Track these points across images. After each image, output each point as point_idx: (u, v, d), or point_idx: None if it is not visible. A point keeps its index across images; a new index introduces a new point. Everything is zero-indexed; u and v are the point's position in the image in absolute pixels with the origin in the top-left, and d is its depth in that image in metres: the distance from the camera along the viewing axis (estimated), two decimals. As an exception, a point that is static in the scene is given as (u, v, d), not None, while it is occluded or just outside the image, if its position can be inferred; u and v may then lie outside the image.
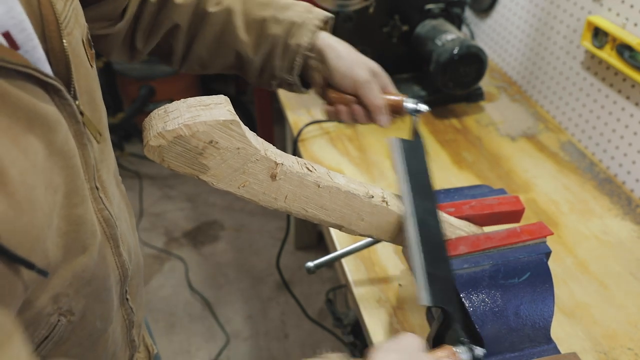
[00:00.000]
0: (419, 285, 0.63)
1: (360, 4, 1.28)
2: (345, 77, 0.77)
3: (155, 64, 2.62)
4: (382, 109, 0.78)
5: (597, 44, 1.18)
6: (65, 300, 0.49)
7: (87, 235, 0.51)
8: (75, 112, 0.48)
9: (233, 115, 0.54)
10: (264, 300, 2.06)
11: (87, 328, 0.54)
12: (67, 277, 0.48)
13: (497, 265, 0.70)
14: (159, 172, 2.65)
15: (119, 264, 0.60)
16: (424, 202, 0.70)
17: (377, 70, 0.80)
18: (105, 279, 0.56)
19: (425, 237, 0.67)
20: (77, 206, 0.49)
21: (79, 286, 0.51)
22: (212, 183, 0.57)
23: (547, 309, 0.69)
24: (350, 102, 0.78)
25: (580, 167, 1.23)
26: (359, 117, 0.79)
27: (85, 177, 0.51)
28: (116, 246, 0.58)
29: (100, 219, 0.55)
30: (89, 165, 0.52)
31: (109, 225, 0.56)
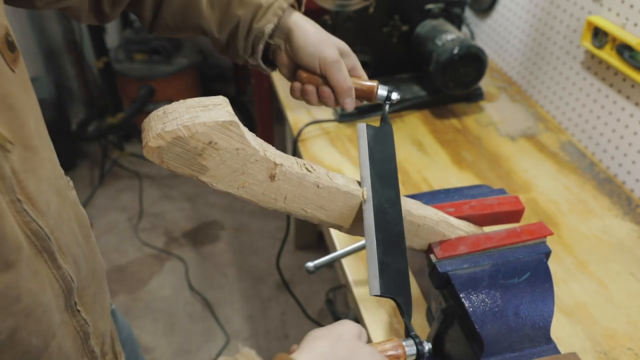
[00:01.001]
0: (370, 275, 0.61)
1: (360, 4, 1.28)
2: (312, 56, 0.74)
3: (155, 64, 2.62)
4: (349, 90, 0.75)
5: (597, 44, 1.18)
6: None
7: (9, 251, 0.47)
8: None
9: (232, 116, 0.54)
10: (264, 300, 2.06)
11: (19, 346, 0.51)
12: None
13: (497, 265, 0.70)
14: (159, 172, 2.65)
15: (59, 276, 0.57)
16: (385, 190, 0.67)
17: (347, 50, 0.78)
18: (39, 294, 0.53)
19: (382, 226, 0.64)
20: None
21: (4, 304, 0.48)
22: (211, 184, 0.57)
23: (547, 309, 0.68)
24: (319, 83, 0.76)
25: (580, 167, 1.23)
26: (327, 99, 0.76)
27: (1, 189, 0.48)
28: (52, 259, 0.55)
29: (28, 232, 0.52)
30: (3, 177, 0.48)
31: (40, 238, 0.53)
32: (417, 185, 1.17)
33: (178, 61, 2.67)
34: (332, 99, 0.77)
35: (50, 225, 0.55)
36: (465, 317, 0.68)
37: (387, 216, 0.65)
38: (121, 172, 2.68)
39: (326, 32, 0.77)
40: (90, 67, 2.75)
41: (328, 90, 0.76)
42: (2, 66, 0.49)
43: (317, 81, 0.76)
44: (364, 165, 0.69)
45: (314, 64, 0.75)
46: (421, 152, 1.27)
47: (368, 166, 0.69)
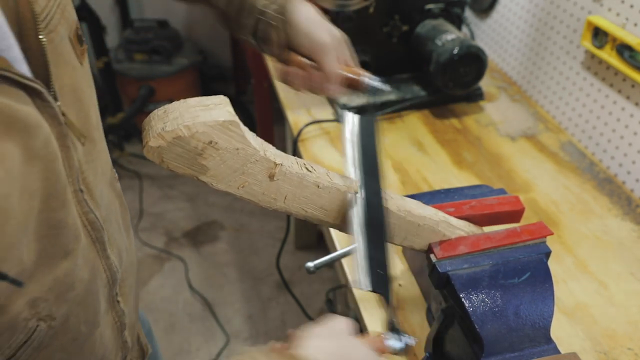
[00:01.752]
0: (360, 270, 0.60)
1: (360, 4, 1.28)
2: (305, 37, 0.73)
3: (155, 64, 2.62)
4: (336, 77, 0.74)
5: (597, 44, 1.18)
6: (44, 305, 0.47)
7: (69, 240, 0.49)
8: (57, 114, 0.46)
9: (232, 115, 0.54)
10: (264, 300, 2.06)
11: (70, 333, 0.52)
12: (45, 282, 0.47)
13: (497, 265, 0.70)
14: (159, 172, 2.66)
15: (106, 267, 0.58)
16: (370, 181, 0.66)
17: (341, 39, 0.77)
18: (91, 283, 0.55)
19: (369, 219, 0.63)
20: (57, 210, 0.47)
21: (61, 291, 0.49)
22: (211, 184, 0.57)
23: (547, 309, 0.68)
24: (306, 66, 0.74)
25: (580, 167, 1.23)
26: (314, 83, 0.75)
27: (68, 180, 0.49)
28: (103, 249, 0.57)
29: (85, 222, 0.53)
30: (73, 167, 0.50)
31: (95, 228, 0.55)
32: (417, 185, 1.17)
33: (178, 61, 2.67)
34: (319, 84, 0.75)
35: (103, 216, 0.57)
36: (465, 317, 0.68)
37: (372, 209, 0.65)
38: (121, 172, 2.68)
39: (323, 17, 0.76)
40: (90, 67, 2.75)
41: (317, 75, 0.75)
42: (73, 59, 0.51)
43: (305, 65, 0.74)
44: (349, 155, 0.68)
45: (306, 46, 0.73)
46: (421, 152, 1.27)
47: (354, 157, 0.68)
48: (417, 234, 0.71)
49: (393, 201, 0.69)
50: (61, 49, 0.49)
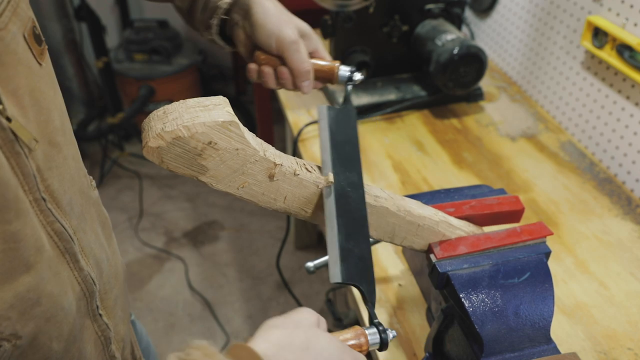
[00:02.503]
0: (331, 261, 0.58)
1: (360, 4, 1.28)
2: (270, 36, 0.71)
3: (155, 64, 2.62)
4: (307, 73, 0.73)
5: (597, 44, 1.18)
6: (6, 324, 0.45)
7: (29, 253, 0.46)
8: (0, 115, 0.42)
9: (232, 116, 0.54)
10: (264, 300, 2.06)
11: (40, 351, 0.49)
12: (6, 298, 0.44)
13: (497, 265, 0.70)
14: (159, 172, 2.66)
15: (80, 279, 0.55)
16: (347, 173, 0.64)
17: (308, 31, 0.75)
18: (60, 297, 0.51)
19: (344, 211, 0.61)
20: (11, 222, 0.43)
21: (25, 308, 0.46)
22: (211, 184, 0.57)
23: (547, 309, 0.68)
24: (277, 64, 0.73)
25: (580, 167, 1.23)
26: (285, 81, 0.74)
27: (23, 188, 0.46)
28: (74, 260, 0.54)
29: (51, 232, 0.50)
30: (27, 175, 0.46)
31: (63, 239, 0.52)
32: (417, 185, 1.17)
33: (178, 61, 2.67)
34: (290, 80, 0.74)
35: (74, 225, 0.54)
36: (465, 317, 0.68)
37: (349, 200, 0.62)
38: (121, 172, 2.68)
39: (288, 12, 0.74)
40: (90, 67, 2.75)
41: (286, 72, 0.73)
42: (29, 59, 0.48)
43: (275, 62, 0.73)
44: (324, 148, 0.66)
45: (271, 44, 0.72)
46: (421, 152, 1.27)
47: (329, 149, 0.66)
48: (417, 234, 0.71)
49: (392, 201, 0.69)
50: (13, 48, 0.45)
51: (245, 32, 0.74)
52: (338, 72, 0.75)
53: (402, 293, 0.93)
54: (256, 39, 0.73)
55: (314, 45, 0.75)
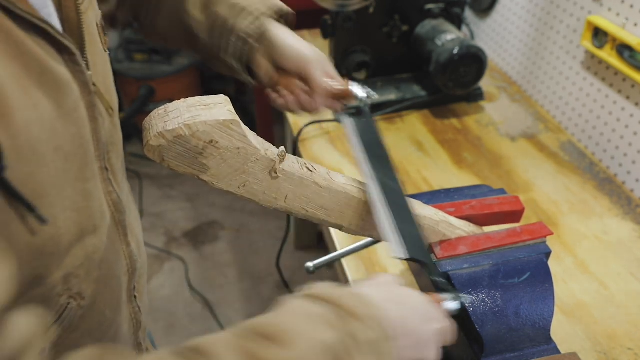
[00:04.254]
0: (392, 241, 0.61)
1: (360, 4, 1.28)
2: (291, 53, 0.75)
3: (155, 64, 2.62)
4: (326, 90, 0.77)
5: (597, 44, 1.18)
6: (75, 281, 0.49)
7: (96, 215, 0.50)
8: (88, 81, 0.48)
9: (233, 115, 0.54)
10: (264, 300, 2.06)
11: (96, 316, 0.53)
12: (79, 256, 0.48)
13: (497, 265, 0.70)
14: (159, 172, 2.65)
15: (127, 254, 0.59)
16: (382, 168, 0.70)
17: (323, 56, 0.79)
18: (114, 265, 0.56)
19: (389, 198, 0.66)
20: (89, 181, 0.48)
21: (90, 268, 0.50)
22: (212, 183, 0.57)
23: (547, 309, 0.68)
24: (297, 87, 0.77)
25: (580, 167, 1.23)
26: (306, 103, 0.78)
27: (95, 153, 0.50)
28: (124, 234, 0.58)
29: (110, 201, 0.54)
30: (100, 142, 0.51)
31: (118, 210, 0.56)
32: (417, 185, 1.17)
33: (178, 61, 2.67)
34: (309, 101, 0.78)
35: (124, 201, 0.58)
36: (465, 317, 0.68)
37: (391, 189, 0.67)
38: (121, 172, 2.68)
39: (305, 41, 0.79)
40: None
41: (303, 95, 0.78)
42: (100, 43, 0.55)
43: (294, 86, 0.77)
44: (358, 148, 0.71)
45: (293, 63, 0.76)
46: (421, 152, 1.27)
47: (363, 149, 0.71)
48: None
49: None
50: (91, 30, 0.52)
51: (264, 55, 0.77)
52: (353, 90, 0.78)
53: (402, 293, 0.93)
54: (278, 59, 0.77)
55: (328, 67, 0.79)
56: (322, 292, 0.48)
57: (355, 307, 0.46)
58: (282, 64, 0.77)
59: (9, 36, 0.39)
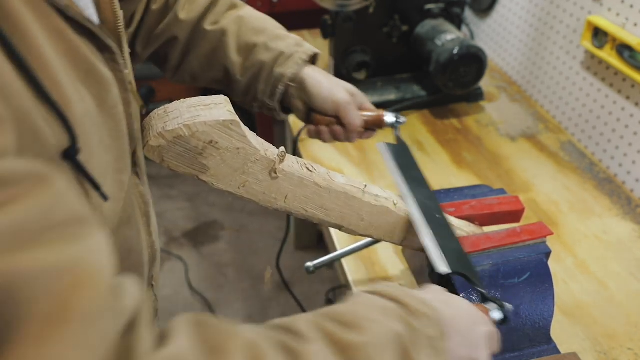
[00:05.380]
0: (436, 258, 0.64)
1: (360, 4, 1.28)
2: (326, 101, 0.81)
3: (155, 64, 2.62)
4: (360, 127, 0.83)
5: (597, 44, 1.18)
6: None
7: (129, 205, 0.53)
8: (125, 80, 0.50)
9: (233, 115, 0.54)
10: (264, 300, 2.06)
11: None
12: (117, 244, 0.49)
13: (497, 265, 0.70)
14: (159, 172, 2.65)
15: (149, 243, 0.61)
16: (420, 188, 0.74)
17: (355, 91, 0.85)
18: (141, 254, 0.58)
19: (428, 217, 0.69)
20: (123, 172, 0.51)
21: (122, 257, 0.52)
22: (212, 183, 0.57)
23: (547, 309, 0.69)
24: (331, 123, 0.83)
25: (580, 167, 1.23)
26: (339, 136, 0.84)
27: (129, 147, 0.52)
28: (148, 224, 0.60)
29: (137, 193, 0.57)
30: (133, 137, 0.53)
31: (145, 201, 0.58)
32: (417, 185, 1.17)
33: (178, 61, 2.67)
34: (343, 135, 0.84)
35: (147, 193, 0.60)
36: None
37: (430, 209, 0.70)
38: (121, 172, 2.68)
39: (336, 78, 0.84)
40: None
41: (340, 129, 0.83)
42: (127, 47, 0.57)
43: (328, 122, 0.83)
44: (396, 172, 0.76)
45: (328, 108, 0.81)
46: (421, 152, 1.27)
47: (401, 173, 0.76)
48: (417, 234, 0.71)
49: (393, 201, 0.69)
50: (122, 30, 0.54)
51: (302, 101, 0.83)
52: (385, 119, 0.84)
53: (402, 293, 0.93)
54: (313, 105, 0.82)
55: (361, 101, 0.85)
56: (387, 290, 0.51)
57: (416, 305, 0.50)
58: (317, 108, 0.82)
59: (63, 36, 0.41)
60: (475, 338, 0.55)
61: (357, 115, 0.82)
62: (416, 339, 0.47)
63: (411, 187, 0.73)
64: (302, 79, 0.81)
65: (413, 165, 0.79)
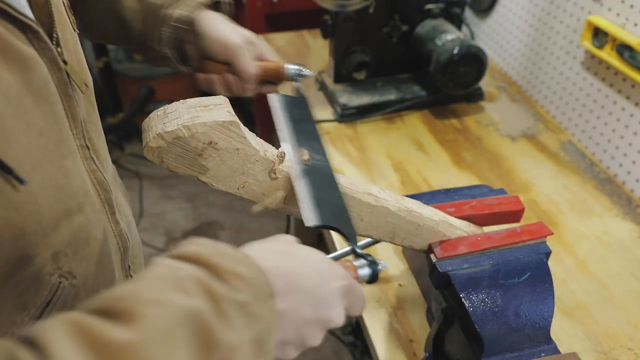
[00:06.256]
0: (304, 209, 0.57)
1: (360, 4, 1.28)
2: (215, 44, 0.76)
3: (155, 64, 2.62)
4: (252, 76, 0.77)
5: (597, 44, 1.18)
6: (65, 260, 0.49)
7: (79, 192, 0.51)
8: (57, 58, 0.48)
9: (232, 116, 0.54)
10: (264, 300, 2.06)
11: (90, 295, 0.53)
12: (65, 234, 0.49)
13: (497, 265, 0.70)
14: (159, 172, 2.65)
15: (117, 232, 0.60)
16: (310, 142, 0.66)
17: (254, 39, 0.79)
18: (104, 243, 0.56)
19: (312, 172, 0.61)
20: (66, 158, 0.49)
21: (78, 246, 0.51)
22: (211, 184, 0.57)
23: (547, 309, 0.69)
24: (223, 71, 0.77)
25: (580, 167, 1.23)
26: (232, 86, 0.78)
27: (73, 130, 0.51)
28: (112, 212, 0.59)
29: (94, 180, 0.55)
30: (77, 119, 0.52)
31: (103, 188, 0.57)
32: (417, 185, 1.17)
33: (178, 61, 2.67)
34: (236, 85, 0.78)
35: (109, 179, 0.58)
36: (465, 317, 0.68)
37: (315, 162, 0.63)
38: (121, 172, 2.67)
39: (239, 26, 0.79)
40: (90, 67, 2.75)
41: (233, 79, 0.77)
42: (68, 22, 0.55)
43: (221, 69, 0.77)
44: (283, 124, 0.67)
45: (218, 51, 0.77)
46: (421, 152, 1.27)
47: (290, 124, 0.67)
48: (417, 234, 0.71)
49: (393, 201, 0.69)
50: (59, 8, 0.53)
51: (194, 44, 0.78)
52: (286, 68, 0.78)
53: (402, 293, 0.93)
54: (204, 48, 0.77)
55: (260, 50, 0.79)
56: (192, 251, 0.42)
57: (227, 265, 0.41)
58: (208, 53, 0.78)
59: None
60: (324, 295, 0.48)
61: (251, 62, 0.76)
62: (221, 309, 0.38)
63: (298, 140, 0.64)
64: (194, 21, 0.76)
65: (308, 119, 0.70)
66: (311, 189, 0.59)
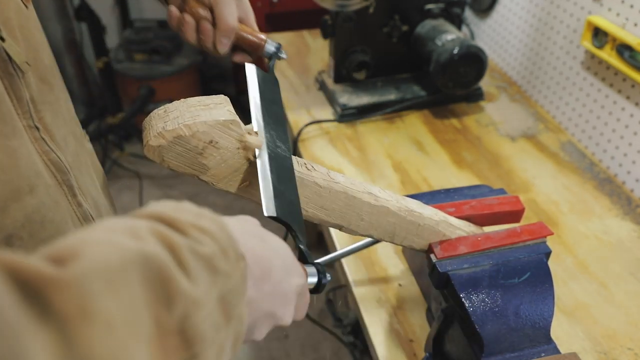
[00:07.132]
0: (265, 197, 0.54)
1: (360, 4, 1.28)
2: None
3: (155, 64, 2.62)
4: (230, 30, 0.71)
5: (597, 44, 1.18)
6: (19, 243, 0.48)
7: (29, 174, 0.50)
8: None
9: (233, 115, 0.54)
10: (264, 300, 2.06)
11: None
12: (18, 217, 0.48)
13: (497, 265, 0.70)
14: (159, 172, 2.65)
15: (79, 214, 0.58)
16: (275, 126, 0.63)
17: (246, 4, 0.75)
18: (62, 225, 0.54)
19: (274, 157, 0.59)
20: (9, 138, 0.48)
21: (32, 230, 0.50)
22: (212, 183, 0.57)
23: (547, 309, 0.69)
24: (201, 17, 0.71)
25: (580, 167, 1.23)
26: (205, 34, 0.72)
27: (18, 110, 0.50)
28: (72, 194, 0.57)
29: (47, 161, 0.54)
30: (22, 99, 0.51)
31: (59, 169, 0.55)
32: (417, 185, 1.17)
33: (178, 61, 2.67)
34: (210, 38, 0.72)
35: (69, 161, 0.57)
36: (465, 317, 0.68)
37: (278, 150, 0.61)
38: (121, 172, 2.68)
39: None
40: (90, 67, 2.75)
41: (208, 27, 0.72)
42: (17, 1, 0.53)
43: (200, 15, 0.71)
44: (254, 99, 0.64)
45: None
46: (421, 152, 1.27)
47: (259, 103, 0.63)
48: (417, 233, 0.71)
49: (393, 201, 0.69)
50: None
51: None
52: (266, 46, 0.74)
53: (402, 293, 0.93)
54: None
55: (245, 11, 0.74)
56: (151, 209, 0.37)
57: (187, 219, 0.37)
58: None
59: None
60: (285, 291, 0.45)
61: (233, 14, 0.71)
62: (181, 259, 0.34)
63: (265, 121, 0.61)
64: None
65: (277, 102, 0.68)
66: (274, 178, 0.56)
